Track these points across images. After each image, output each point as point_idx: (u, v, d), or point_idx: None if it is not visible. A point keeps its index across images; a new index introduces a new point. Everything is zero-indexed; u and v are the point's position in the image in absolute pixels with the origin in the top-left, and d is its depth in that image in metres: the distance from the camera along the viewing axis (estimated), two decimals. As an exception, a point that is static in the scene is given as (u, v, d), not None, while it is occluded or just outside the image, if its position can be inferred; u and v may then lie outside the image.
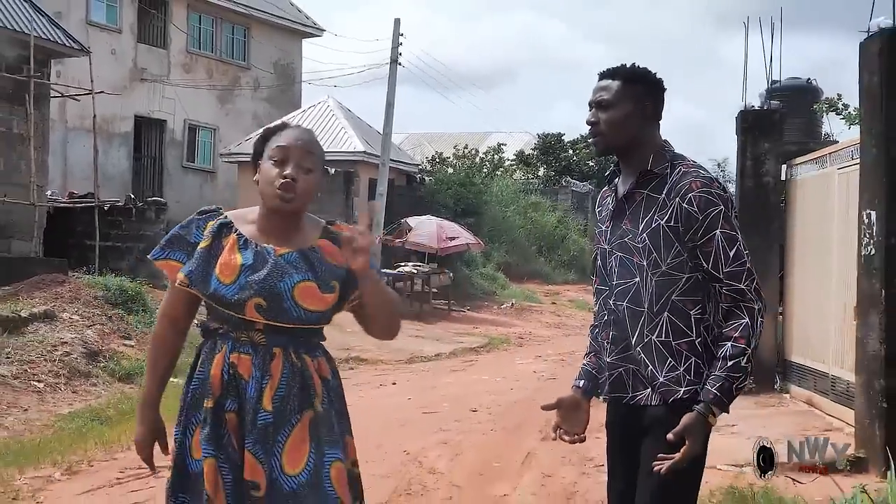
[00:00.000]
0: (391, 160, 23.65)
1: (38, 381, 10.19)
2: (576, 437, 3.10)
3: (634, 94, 2.92)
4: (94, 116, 17.73)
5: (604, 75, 2.98)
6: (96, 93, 17.17)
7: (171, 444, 2.84)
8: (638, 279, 2.88)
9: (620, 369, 2.97)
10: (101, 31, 25.12)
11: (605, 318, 3.01)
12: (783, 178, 10.37)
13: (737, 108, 10.77)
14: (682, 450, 2.69)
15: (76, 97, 18.45)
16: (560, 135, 38.52)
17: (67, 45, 17.24)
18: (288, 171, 2.74)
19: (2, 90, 15.68)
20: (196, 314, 2.97)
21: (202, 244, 2.80)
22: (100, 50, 22.94)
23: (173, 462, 2.80)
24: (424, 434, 8.16)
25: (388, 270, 21.82)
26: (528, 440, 7.97)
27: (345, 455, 2.81)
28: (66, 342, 11.39)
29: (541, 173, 37.82)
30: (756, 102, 10.78)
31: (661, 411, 2.83)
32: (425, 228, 21.58)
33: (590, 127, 2.99)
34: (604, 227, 3.04)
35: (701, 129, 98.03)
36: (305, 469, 2.71)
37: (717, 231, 2.78)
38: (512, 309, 23.48)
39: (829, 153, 9.23)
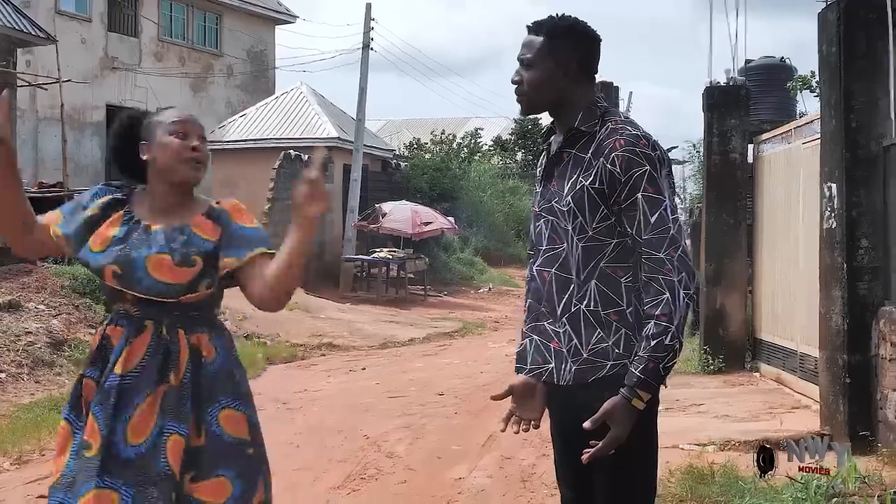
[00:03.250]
0: (365, 146, 23.45)
1: (0, 372, 10.03)
2: (530, 424, 2.85)
3: (557, 51, 2.69)
4: (62, 105, 17.50)
5: (529, 29, 2.76)
6: (64, 81, 16.94)
7: None
8: (565, 244, 2.68)
9: (526, 339, 2.80)
10: (70, 21, 24.79)
11: (531, 285, 2.82)
12: (751, 154, 10.28)
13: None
14: (607, 436, 2.49)
15: (44, 86, 18.24)
16: (537, 119, 38.35)
17: (33, 33, 17.04)
18: (196, 144, 2.88)
19: (-34, 79, 15.46)
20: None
21: (89, 212, 2.92)
22: (70, 39, 22.66)
23: None
24: (387, 418, 8.04)
25: (362, 256, 21.72)
26: (491, 423, 7.83)
27: (189, 429, 2.77)
28: (30, 332, 11.21)
29: (518, 158, 37.69)
30: (722, 79, 10.63)
31: (586, 393, 2.60)
32: (400, 214, 21.45)
33: (515, 86, 2.77)
34: (537, 189, 2.84)
35: (679, 111, 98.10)
36: (147, 440, 2.73)
37: (639, 194, 2.55)
38: (489, 293, 23.39)
39: (795, 128, 9.15)
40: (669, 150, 55.63)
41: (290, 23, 31.51)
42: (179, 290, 2.82)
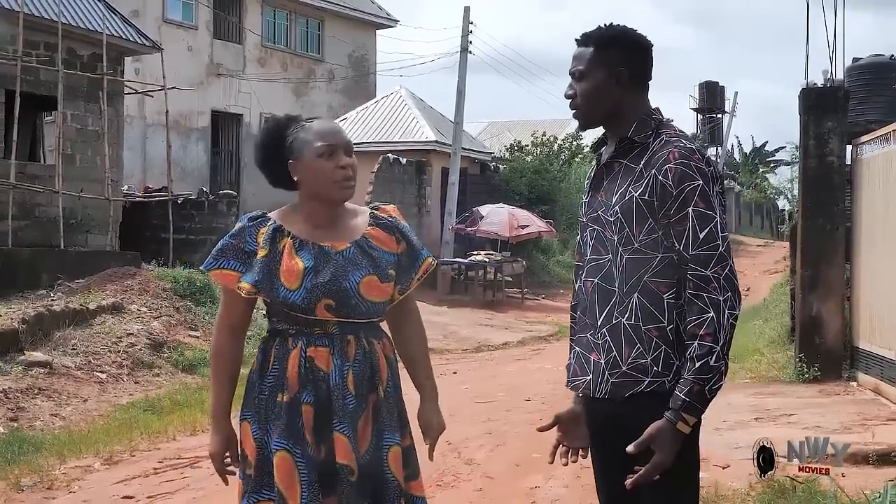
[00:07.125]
0: (464, 149, 23.56)
1: (101, 372, 10.36)
2: (579, 454, 2.83)
3: (607, 61, 2.65)
4: (167, 112, 17.97)
5: (578, 42, 2.72)
6: (168, 88, 17.40)
7: (251, 444, 2.87)
8: (610, 256, 2.64)
9: (572, 352, 2.79)
10: (177, 29, 25.55)
11: (578, 296, 2.81)
12: (849, 157, 9.96)
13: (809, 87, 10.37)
14: (650, 461, 2.43)
15: (150, 93, 18.72)
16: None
17: (140, 42, 17.49)
18: (344, 161, 2.87)
19: (77, 88, 15.99)
20: (251, 319, 3.08)
21: (261, 253, 2.87)
22: (176, 47, 23.34)
23: (255, 459, 2.85)
24: (471, 424, 8.04)
25: (460, 259, 21.79)
26: (574, 430, 7.79)
27: (401, 436, 2.93)
28: (131, 333, 11.56)
29: (620, 159, 37.21)
30: (819, 80, 10.34)
31: (624, 409, 2.56)
32: (496, 217, 21.47)
33: (568, 101, 2.75)
34: (585, 199, 2.81)
35: (786, 111, 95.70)
36: (368, 450, 2.84)
37: (690, 208, 2.50)
38: (587, 297, 23.19)
39: (894, 130, 8.82)
40: (777, 150, 53.90)
41: (390, 27, 31.88)
42: (387, 305, 2.98)
